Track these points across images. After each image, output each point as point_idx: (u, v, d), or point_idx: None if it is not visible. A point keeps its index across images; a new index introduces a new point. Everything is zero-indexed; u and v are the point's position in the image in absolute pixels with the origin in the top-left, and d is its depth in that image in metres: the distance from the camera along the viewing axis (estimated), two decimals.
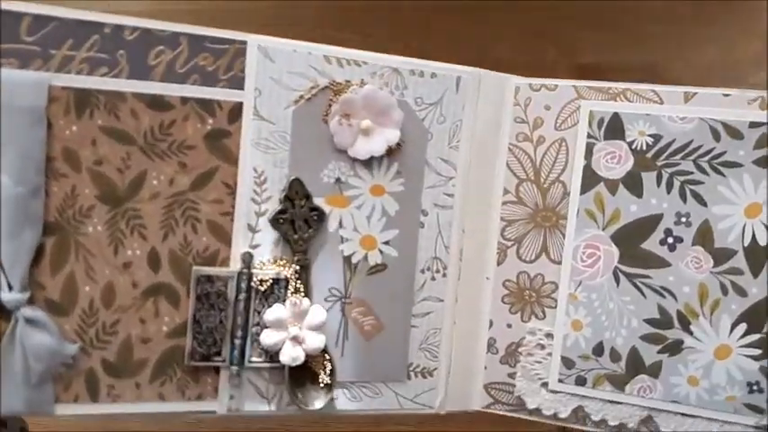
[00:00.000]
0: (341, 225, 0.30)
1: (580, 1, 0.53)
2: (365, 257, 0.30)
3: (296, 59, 0.29)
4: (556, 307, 0.32)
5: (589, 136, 0.31)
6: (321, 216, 0.29)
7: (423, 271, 0.31)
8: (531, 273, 0.32)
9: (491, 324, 0.33)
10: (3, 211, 0.24)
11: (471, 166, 0.32)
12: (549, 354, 0.32)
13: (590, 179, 0.31)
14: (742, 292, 0.30)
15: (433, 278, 0.32)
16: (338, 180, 0.30)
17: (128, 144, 0.28)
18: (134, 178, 0.28)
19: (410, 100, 0.30)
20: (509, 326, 0.32)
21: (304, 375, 0.29)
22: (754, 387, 0.29)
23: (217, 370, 0.28)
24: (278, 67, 0.28)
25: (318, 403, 0.29)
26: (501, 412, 0.33)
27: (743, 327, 0.30)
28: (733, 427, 0.30)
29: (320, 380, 0.29)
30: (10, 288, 0.25)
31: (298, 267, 0.28)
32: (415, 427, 0.46)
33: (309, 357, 0.29)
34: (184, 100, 0.28)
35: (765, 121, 0.30)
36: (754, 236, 0.30)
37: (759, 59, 0.50)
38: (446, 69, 0.31)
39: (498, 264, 0.33)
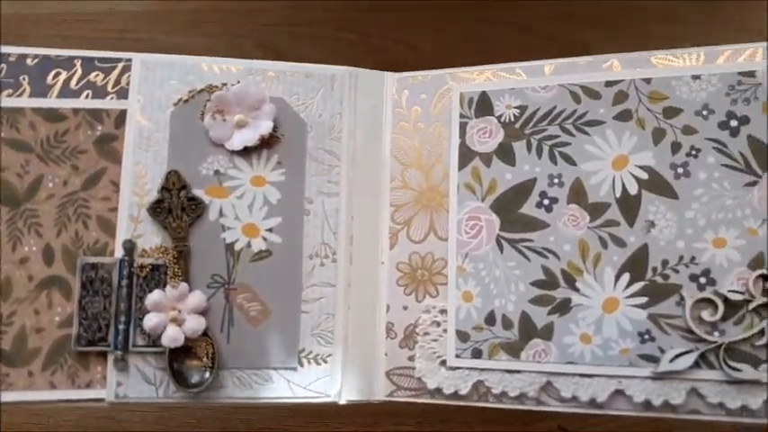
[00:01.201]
0: (222, 214, 0.36)
1: (580, 1, 0.57)
2: (248, 244, 0.36)
3: (176, 70, 0.37)
4: (447, 283, 0.37)
5: (461, 116, 0.38)
6: (199, 205, 0.36)
7: (311, 257, 0.37)
8: (421, 252, 0.38)
9: (388, 308, 0.38)
10: None
11: (357, 156, 0.38)
12: (445, 330, 0.36)
13: (466, 155, 0.38)
14: (621, 243, 0.35)
15: (322, 264, 0.37)
16: (217, 172, 0.36)
17: (26, 152, 0.36)
18: (32, 182, 0.35)
19: (286, 97, 0.38)
20: (405, 308, 0.37)
21: (188, 359, 0.34)
22: (646, 336, 0.34)
23: (105, 357, 0.34)
24: (159, 77, 0.36)
25: (198, 384, 0.34)
26: (403, 399, 0.37)
27: (626, 277, 0.34)
28: (631, 381, 0.33)
29: (203, 363, 0.34)
30: None
31: (176, 254, 0.35)
32: (415, 427, 0.49)
33: (191, 341, 0.34)
34: (76, 111, 0.36)
35: (620, 78, 0.36)
36: (624, 187, 0.35)
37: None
38: (320, 69, 0.39)
39: (391, 247, 0.38)
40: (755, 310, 0.32)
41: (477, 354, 0.35)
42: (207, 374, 0.34)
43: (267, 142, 0.37)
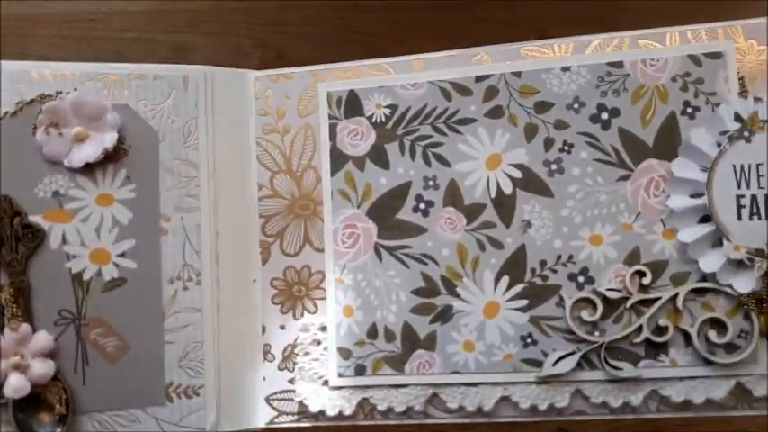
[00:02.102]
0: (65, 241, 0.32)
1: (580, 1, 0.56)
2: (98, 273, 0.32)
3: (1, 78, 0.32)
4: (326, 297, 0.34)
5: (330, 117, 0.35)
6: (36, 233, 0.31)
7: (171, 281, 0.33)
8: (297, 266, 0.35)
9: (264, 329, 0.35)
10: None
11: (218, 164, 0.35)
12: (326, 348, 0.34)
13: (338, 159, 0.35)
14: (498, 245, 0.33)
15: (186, 287, 0.34)
16: (56, 194, 0.32)
17: None
18: None
19: (132, 103, 0.33)
20: (282, 327, 0.35)
21: (37, 409, 0.30)
22: (528, 340, 0.32)
23: None
24: None
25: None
26: (286, 425, 0.34)
27: (506, 279, 0.33)
28: (516, 387, 0.32)
29: (55, 411, 0.30)
30: None
31: (13, 291, 0.30)
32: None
33: (40, 388, 0.30)
34: None
35: (490, 73, 0.34)
36: (498, 186, 0.33)
37: None
38: (171, 70, 0.34)
39: (263, 263, 0.35)
40: (633, 307, 0.32)
41: (360, 370, 0.33)
42: (59, 426, 0.30)
43: (112, 156, 0.33)
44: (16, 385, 0.30)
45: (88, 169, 0.33)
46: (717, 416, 0.32)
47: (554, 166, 0.33)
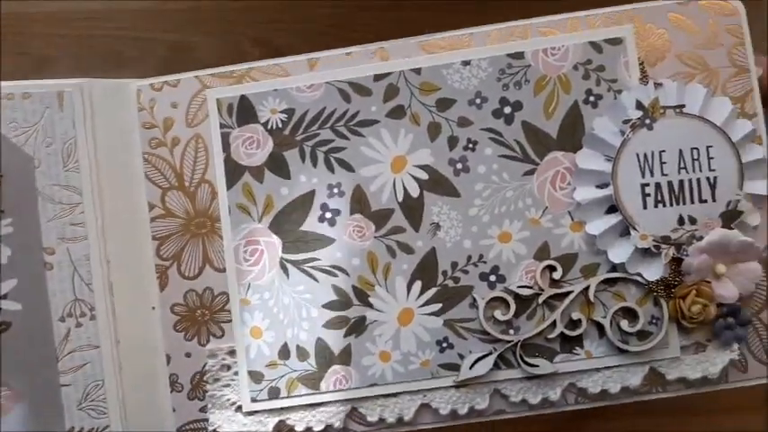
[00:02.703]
0: None
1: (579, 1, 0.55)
2: None
3: None
4: (231, 320, 0.32)
5: (222, 126, 0.32)
6: None
7: (62, 319, 0.30)
8: (198, 289, 0.32)
9: (169, 359, 0.32)
10: None
11: (103, 186, 0.32)
12: (236, 373, 0.32)
13: (234, 171, 0.32)
14: (408, 250, 0.32)
15: (79, 324, 0.31)
16: None
17: None
18: None
19: (1, 125, 0.30)
20: (188, 355, 0.32)
21: None
22: (444, 344, 0.31)
23: None
24: None
25: None
26: None
27: (418, 284, 0.31)
28: (435, 393, 0.31)
29: None
30: None
31: None
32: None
33: None
34: None
35: (389, 71, 0.32)
36: (405, 189, 0.32)
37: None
38: (42, 86, 0.31)
39: (161, 289, 0.32)
40: (546, 302, 0.31)
41: (274, 393, 0.32)
42: None
43: None
44: None
45: None
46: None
47: (459, 165, 0.32)
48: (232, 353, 0.33)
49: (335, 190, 0.32)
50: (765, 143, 0.32)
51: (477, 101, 0.32)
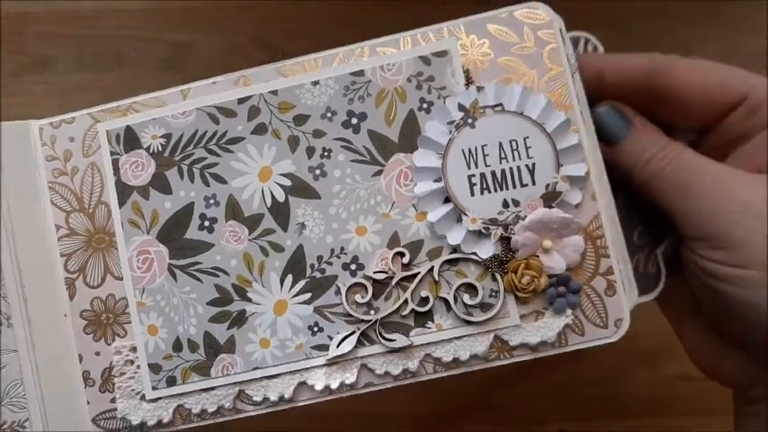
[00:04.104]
0: None
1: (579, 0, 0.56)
2: None
3: None
4: (131, 321, 0.37)
5: (112, 153, 0.38)
6: None
7: None
8: (102, 296, 0.37)
9: (81, 358, 0.37)
10: None
11: (13, 213, 0.37)
12: (138, 366, 0.37)
13: (124, 192, 0.37)
14: (279, 249, 0.36)
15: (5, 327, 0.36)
16: None
17: None
18: None
19: None
20: (97, 354, 0.37)
21: None
22: (315, 329, 0.36)
23: None
24: None
25: None
26: None
27: (290, 278, 0.36)
28: (310, 372, 0.36)
29: None
30: None
31: None
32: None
33: None
34: None
35: (250, 94, 0.37)
36: (273, 196, 0.37)
37: (759, 59, 0.56)
38: None
39: (71, 298, 0.37)
40: (398, 284, 0.36)
41: (171, 381, 0.37)
42: None
43: None
44: None
45: None
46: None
47: (318, 171, 0.37)
48: (134, 349, 0.37)
49: (212, 201, 0.37)
50: (584, 130, 0.36)
51: (328, 114, 0.37)
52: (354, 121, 0.37)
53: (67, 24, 0.52)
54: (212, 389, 0.37)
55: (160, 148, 0.38)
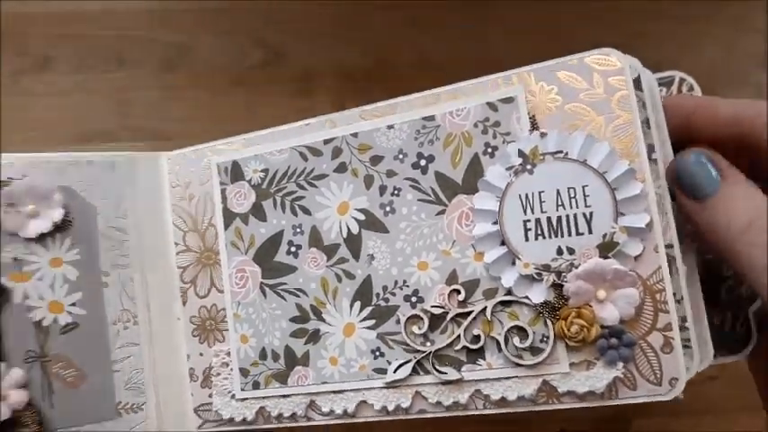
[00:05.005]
0: (26, 296, 0.43)
1: (579, 0, 0.56)
2: (55, 320, 0.43)
3: None
4: (228, 329, 0.44)
5: (221, 183, 0.45)
6: (2, 292, 0.42)
7: (114, 323, 0.44)
8: (207, 305, 0.45)
9: (189, 357, 0.45)
10: None
11: (142, 229, 0.45)
12: (231, 369, 0.43)
13: (229, 217, 0.44)
14: (351, 276, 0.41)
15: (126, 327, 0.44)
16: (15, 259, 0.43)
17: None
18: None
19: (73, 184, 0.44)
20: (201, 354, 0.45)
21: (18, 429, 0.42)
22: (377, 353, 0.40)
23: None
24: None
25: None
26: (209, 429, 0.44)
27: (358, 304, 0.41)
28: (370, 392, 0.40)
29: (32, 430, 0.42)
30: None
31: None
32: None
33: (18, 413, 0.42)
34: None
35: (335, 136, 0.42)
36: (348, 228, 0.41)
37: (759, 59, 0.56)
38: (100, 158, 0.45)
39: (184, 304, 0.45)
40: (453, 319, 0.38)
41: (256, 385, 0.42)
42: None
43: (60, 227, 0.44)
44: (5, 411, 0.41)
45: (41, 238, 0.43)
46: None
47: (388, 208, 0.40)
48: (229, 354, 0.44)
49: (298, 229, 0.42)
50: (650, 179, 0.36)
51: (400, 156, 0.40)
52: (423, 162, 0.39)
53: (68, 25, 0.50)
54: (288, 396, 0.42)
55: (259, 181, 0.43)
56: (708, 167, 0.34)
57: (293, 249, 0.42)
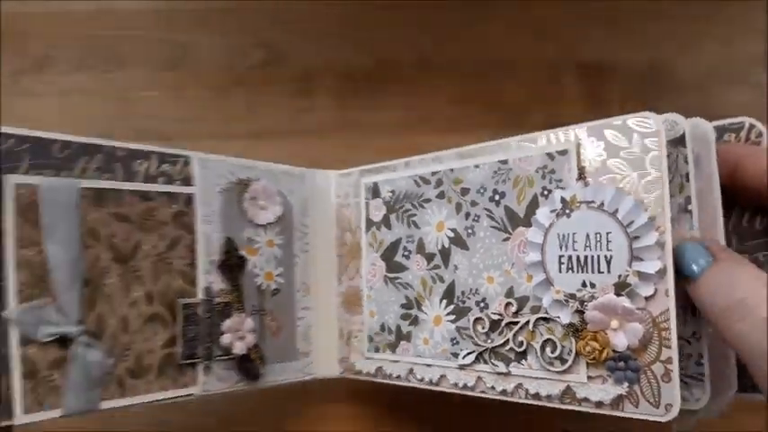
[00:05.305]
0: (254, 266, 0.65)
1: (579, 0, 0.57)
2: (268, 286, 0.65)
3: (220, 166, 0.58)
4: (363, 306, 0.62)
5: (365, 198, 0.62)
6: (243, 261, 0.64)
7: (298, 291, 0.65)
8: (353, 286, 0.63)
9: (339, 321, 0.64)
10: (65, 272, 0.40)
11: (317, 226, 0.65)
12: (361, 332, 0.61)
13: (369, 224, 0.61)
14: (441, 279, 0.55)
15: (304, 295, 0.65)
16: (250, 239, 0.65)
17: (128, 223, 0.45)
18: (133, 246, 0.45)
19: (282, 189, 0.65)
20: (347, 320, 0.63)
21: (248, 362, 0.64)
22: (454, 341, 0.54)
23: (194, 366, 0.48)
24: (211, 170, 0.61)
25: (257, 376, 0.62)
26: (347, 376, 0.63)
27: (445, 302, 0.55)
28: (447, 369, 0.55)
29: (257, 363, 0.64)
30: (72, 324, 0.40)
31: (236, 294, 0.64)
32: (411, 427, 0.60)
33: (248, 350, 0.64)
34: (160, 194, 0.47)
35: (439, 169, 0.56)
36: (442, 243, 0.56)
37: (759, 59, 0.58)
38: (295, 171, 0.66)
39: (339, 283, 0.64)
40: (507, 325, 0.50)
41: (377, 350, 0.59)
42: (261, 369, 0.62)
43: (277, 219, 0.64)
44: (239, 349, 0.64)
45: (264, 226, 0.64)
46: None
47: (470, 230, 0.53)
48: (363, 323, 0.61)
49: (410, 239, 0.57)
50: (669, 228, 0.43)
51: (481, 190, 0.52)
52: (497, 197, 0.50)
53: (68, 25, 0.50)
54: (396, 362, 0.57)
55: (389, 199, 0.58)
56: (697, 251, 0.39)
57: (406, 253, 0.56)
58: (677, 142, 0.41)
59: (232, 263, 0.56)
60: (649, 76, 0.53)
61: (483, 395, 0.49)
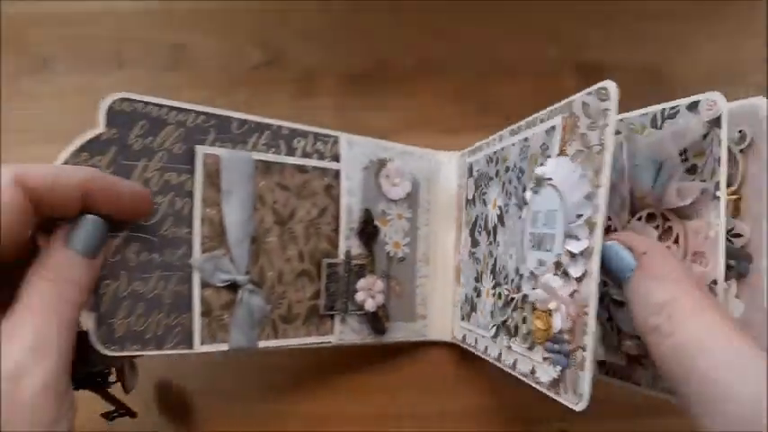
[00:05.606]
0: (385, 235, 0.79)
1: (580, 0, 0.56)
2: (396, 254, 0.78)
3: (364, 145, 0.74)
4: (460, 277, 0.70)
5: (466, 176, 0.70)
6: (377, 230, 0.79)
7: (419, 260, 0.76)
8: (459, 260, 0.72)
9: (451, 290, 0.73)
10: (237, 229, 0.45)
11: (439, 203, 0.75)
12: (459, 301, 0.70)
13: (466, 202, 0.70)
14: (491, 255, 0.60)
15: (425, 264, 0.76)
16: (383, 211, 0.79)
17: (288, 192, 0.49)
18: (290, 211, 0.49)
19: (413, 170, 0.78)
20: (453, 291, 0.72)
21: (376, 318, 0.79)
22: (491, 315, 0.60)
23: (333, 318, 0.53)
24: (355, 150, 0.77)
25: (382, 330, 0.77)
26: (448, 340, 0.72)
27: (491, 276, 0.61)
28: (486, 339, 0.61)
29: (383, 320, 0.79)
30: (241, 273, 0.45)
31: (371, 258, 0.80)
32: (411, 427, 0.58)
33: (377, 308, 0.80)
34: (314, 168, 0.51)
35: (499, 148, 0.62)
36: (494, 220, 0.61)
37: (759, 60, 0.56)
38: (422, 152, 0.77)
39: (455, 256, 0.73)
40: (509, 301, 0.54)
41: (463, 318, 0.67)
42: (386, 324, 0.77)
43: (406, 195, 0.76)
44: (370, 306, 0.78)
45: (396, 200, 0.77)
46: None
47: (505, 209, 0.57)
48: (466, 294, 0.69)
49: (482, 216, 0.63)
50: (604, 207, 0.42)
51: (514, 168, 0.56)
52: (519, 174, 0.53)
53: (68, 25, 0.50)
54: (471, 331, 0.64)
55: (476, 177, 0.65)
56: (621, 254, 0.37)
57: (479, 230, 0.62)
58: (713, 123, 0.39)
59: (368, 231, 0.68)
60: (649, 76, 0.48)
61: (505, 368, 0.53)
